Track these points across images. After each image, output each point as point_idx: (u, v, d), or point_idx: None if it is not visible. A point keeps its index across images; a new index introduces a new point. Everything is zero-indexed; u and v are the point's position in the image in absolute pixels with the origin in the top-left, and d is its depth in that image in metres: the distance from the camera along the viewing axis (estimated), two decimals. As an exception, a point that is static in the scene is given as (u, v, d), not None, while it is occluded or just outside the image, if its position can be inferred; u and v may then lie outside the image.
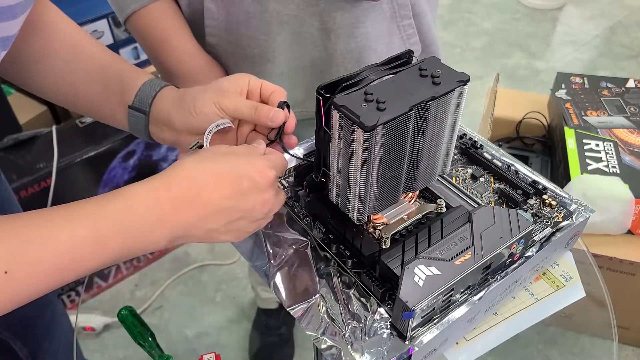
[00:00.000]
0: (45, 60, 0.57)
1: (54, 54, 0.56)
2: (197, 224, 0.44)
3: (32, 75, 0.57)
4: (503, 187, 0.59)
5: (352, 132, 0.44)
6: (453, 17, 2.68)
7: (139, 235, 0.43)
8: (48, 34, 0.56)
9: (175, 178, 0.44)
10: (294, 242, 0.55)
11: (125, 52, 1.56)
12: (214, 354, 0.60)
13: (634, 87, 1.40)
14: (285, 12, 0.69)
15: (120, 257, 0.43)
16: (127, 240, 0.42)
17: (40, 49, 0.56)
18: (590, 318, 0.69)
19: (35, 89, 0.59)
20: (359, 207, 0.49)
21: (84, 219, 0.41)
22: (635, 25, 2.61)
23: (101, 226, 0.41)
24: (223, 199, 0.45)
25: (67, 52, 0.57)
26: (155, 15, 0.71)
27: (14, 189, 1.22)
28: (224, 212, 0.45)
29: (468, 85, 0.47)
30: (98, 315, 1.31)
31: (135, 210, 0.42)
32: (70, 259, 0.40)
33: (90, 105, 0.60)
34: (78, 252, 0.40)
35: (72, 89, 0.58)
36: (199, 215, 0.44)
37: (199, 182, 0.44)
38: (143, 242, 0.43)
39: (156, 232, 0.43)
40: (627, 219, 1.11)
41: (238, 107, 0.53)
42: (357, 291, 0.50)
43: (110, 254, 0.42)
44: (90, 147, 1.32)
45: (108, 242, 0.41)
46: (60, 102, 0.61)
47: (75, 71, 0.58)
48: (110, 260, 0.42)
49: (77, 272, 0.41)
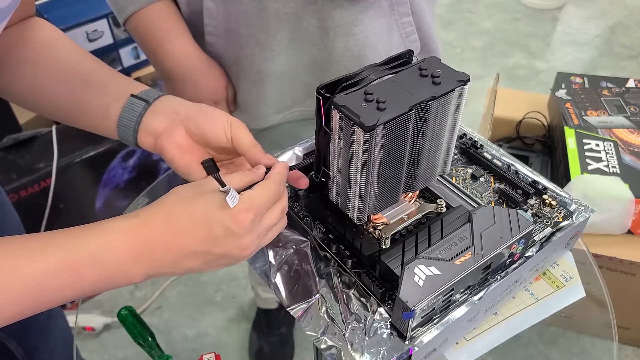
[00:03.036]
0: (15, 66, 0.56)
1: (27, 57, 0.56)
2: (173, 264, 0.45)
3: (7, 82, 0.57)
4: (503, 187, 0.59)
5: (352, 132, 0.44)
6: (453, 16, 2.68)
7: (115, 270, 0.43)
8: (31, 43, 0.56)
9: (155, 217, 0.44)
10: (294, 242, 0.55)
11: (125, 52, 1.56)
12: (214, 354, 0.60)
13: (634, 87, 1.40)
14: (285, 11, 0.69)
15: (96, 289, 0.43)
16: (103, 274, 0.42)
17: (14, 56, 0.55)
18: (590, 318, 0.69)
19: (14, 98, 0.59)
20: (359, 207, 0.49)
21: (59, 250, 0.41)
22: (635, 25, 2.61)
23: (76, 259, 0.41)
24: (196, 244, 0.44)
25: (40, 55, 0.56)
26: (154, 17, 0.72)
27: (14, 188, 1.22)
28: (199, 255, 0.45)
29: (468, 85, 0.47)
30: (98, 315, 1.31)
31: (112, 247, 0.42)
32: (43, 289, 0.40)
33: (68, 107, 0.58)
34: (51, 283, 0.40)
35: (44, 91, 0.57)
36: (174, 257, 0.44)
37: (174, 225, 0.44)
38: (120, 277, 0.43)
39: (133, 268, 0.43)
40: (627, 219, 1.11)
41: (244, 134, 0.52)
42: (357, 291, 0.50)
43: (86, 286, 0.42)
44: (90, 147, 1.32)
45: (83, 274, 0.41)
46: (41, 110, 0.60)
47: (46, 71, 0.56)
48: (85, 291, 0.42)
49: (51, 301, 0.41)
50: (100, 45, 1.48)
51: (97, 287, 0.43)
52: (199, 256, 0.45)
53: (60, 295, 0.41)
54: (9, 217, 0.77)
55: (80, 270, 0.41)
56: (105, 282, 0.43)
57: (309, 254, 0.54)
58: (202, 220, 0.44)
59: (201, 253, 0.45)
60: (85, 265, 0.41)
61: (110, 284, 0.43)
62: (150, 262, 0.44)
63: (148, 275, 0.44)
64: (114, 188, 1.41)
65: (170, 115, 0.54)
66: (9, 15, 0.47)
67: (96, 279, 0.42)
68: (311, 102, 0.57)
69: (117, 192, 1.41)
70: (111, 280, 0.43)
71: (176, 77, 0.75)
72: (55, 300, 0.42)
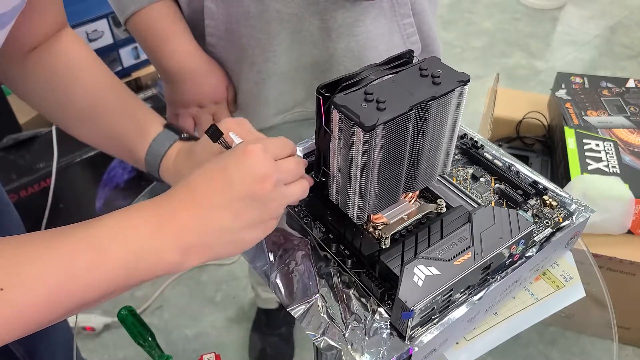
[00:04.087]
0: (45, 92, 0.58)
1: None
2: (202, 229, 0.42)
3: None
4: (503, 188, 0.59)
5: (352, 131, 0.44)
6: (453, 17, 2.68)
7: (141, 245, 0.40)
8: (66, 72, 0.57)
9: (174, 188, 0.44)
10: (294, 242, 0.55)
11: (125, 52, 1.56)
12: (214, 354, 0.60)
13: (634, 87, 1.40)
14: (286, 11, 0.69)
15: (130, 272, 0.40)
16: (129, 249, 0.39)
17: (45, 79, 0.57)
18: (590, 318, 0.69)
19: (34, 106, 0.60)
20: (359, 207, 0.49)
21: (79, 229, 0.39)
22: (635, 25, 2.61)
23: (99, 235, 0.39)
24: (215, 194, 0.42)
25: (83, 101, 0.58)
26: (155, 16, 0.71)
27: (14, 188, 1.22)
28: (223, 206, 0.42)
29: (468, 85, 0.47)
30: (98, 315, 1.31)
31: (131, 217, 0.41)
32: (69, 274, 0.37)
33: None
34: (77, 265, 0.37)
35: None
36: (199, 219, 0.42)
37: (191, 187, 0.43)
38: (150, 255, 0.40)
39: (161, 243, 0.40)
40: (627, 219, 1.11)
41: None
42: (357, 291, 0.50)
43: (113, 267, 0.39)
44: (90, 147, 1.32)
45: (108, 252, 0.39)
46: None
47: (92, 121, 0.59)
48: (119, 275, 0.39)
49: (84, 290, 0.38)
50: (100, 45, 1.48)
51: (130, 270, 0.39)
52: (224, 207, 0.42)
53: (90, 280, 0.38)
54: (10, 217, 0.77)
55: (105, 247, 0.38)
56: (136, 263, 0.39)
57: (309, 253, 0.54)
58: (215, 172, 0.43)
59: (225, 203, 0.42)
60: (107, 240, 0.39)
61: (145, 266, 0.40)
62: (177, 232, 0.41)
63: (182, 250, 0.41)
64: (114, 188, 1.41)
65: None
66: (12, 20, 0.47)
67: (124, 258, 0.39)
68: (312, 103, 0.57)
69: (117, 192, 1.41)
70: (143, 260, 0.40)
71: (177, 77, 0.75)
72: (88, 290, 0.38)
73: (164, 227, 0.41)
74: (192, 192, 0.43)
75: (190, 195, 0.43)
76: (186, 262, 0.42)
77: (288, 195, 0.46)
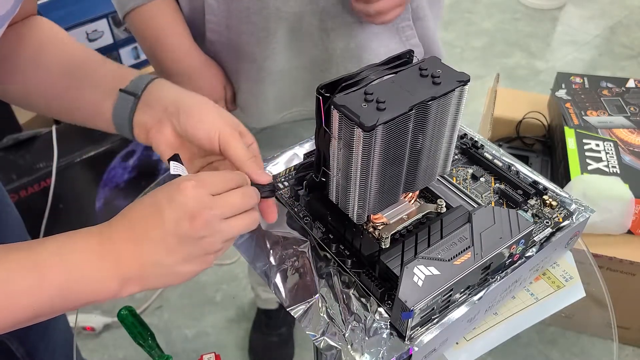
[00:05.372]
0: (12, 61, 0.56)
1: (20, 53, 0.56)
2: (139, 259, 0.42)
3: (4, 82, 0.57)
4: (504, 188, 0.59)
5: (352, 131, 0.44)
6: (453, 17, 2.68)
7: (82, 272, 0.41)
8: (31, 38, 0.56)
9: (117, 217, 0.44)
10: (294, 242, 0.55)
11: (125, 52, 1.56)
12: (214, 354, 0.60)
13: (634, 87, 1.40)
14: (285, 9, 0.69)
15: (64, 298, 0.40)
16: (69, 275, 0.40)
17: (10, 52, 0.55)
18: (590, 318, 0.69)
19: (13, 98, 0.59)
20: (359, 207, 0.49)
21: (20, 251, 0.40)
22: (635, 25, 2.60)
23: (39, 258, 0.40)
24: (150, 228, 0.42)
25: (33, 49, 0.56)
26: (154, 13, 0.72)
27: (14, 188, 1.22)
28: (156, 240, 0.42)
29: (468, 85, 0.47)
30: (98, 315, 1.31)
31: (75, 241, 0.42)
32: (7, 293, 0.38)
33: (66, 102, 0.57)
34: (15, 281, 0.38)
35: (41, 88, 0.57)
36: (135, 249, 0.42)
37: (129, 218, 0.43)
38: (90, 283, 0.41)
39: (100, 271, 0.41)
40: (627, 219, 1.11)
41: (234, 145, 0.50)
42: (357, 291, 0.50)
43: (50, 291, 0.40)
44: (90, 147, 1.32)
45: (46, 275, 0.40)
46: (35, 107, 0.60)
47: (42, 66, 0.56)
48: (51, 298, 0.40)
49: (21, 309, 0.39)
50: (100, 45, 1.48)
51: (67, 294, 0.40)
52: (158, 242, 0.42)
53: (27, 300, 0.39)
54: (11, 217, 0.77)
55: (44, 269, 0.39)
56: (75, 288, 0.41)
57: (309, 253, 0.54)
58: (149, 207, 0.43)
59: (158, 238, 0.42)
60: (48, 263, 0.40)
61: (83, 292, 0.41)
62: (117, 262, 0.42)
63: (120, 280, 0.42)
64: (114, 188, 1.41)
65: (158, 110, 0.53)
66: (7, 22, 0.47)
67: (63, 282, 0.40)
68: (311, 102, 0.57)
69: (117, 192, 1.41)
70: (82, 286, 0.41)
71: (174, 75, 0.75)
72: (23, 310, 0.39)
73: (105, 257, 0.42)
74: (131, 224, 0.43)
75: (129, 227, 0.43)
76: (124, 291, 0.43)
77: (226, 231, 0.45)
